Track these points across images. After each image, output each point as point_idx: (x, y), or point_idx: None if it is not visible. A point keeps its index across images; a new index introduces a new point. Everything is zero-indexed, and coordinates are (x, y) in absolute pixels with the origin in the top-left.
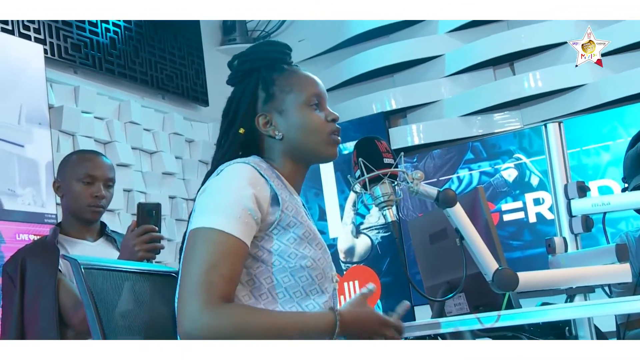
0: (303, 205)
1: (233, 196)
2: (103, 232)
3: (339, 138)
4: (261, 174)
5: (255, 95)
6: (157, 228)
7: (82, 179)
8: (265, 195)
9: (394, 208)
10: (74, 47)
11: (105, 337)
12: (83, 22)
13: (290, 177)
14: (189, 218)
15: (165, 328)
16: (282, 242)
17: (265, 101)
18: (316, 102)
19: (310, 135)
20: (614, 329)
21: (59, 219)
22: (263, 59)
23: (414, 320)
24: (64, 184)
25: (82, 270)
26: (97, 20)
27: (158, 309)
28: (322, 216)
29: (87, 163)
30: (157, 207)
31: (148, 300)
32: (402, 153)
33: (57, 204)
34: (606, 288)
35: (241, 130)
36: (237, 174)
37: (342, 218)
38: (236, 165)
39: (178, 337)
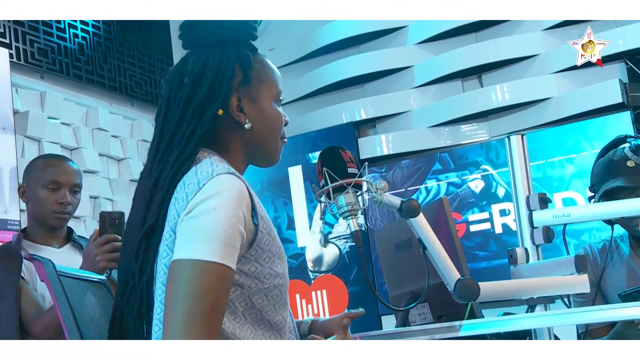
0: None
1: (228, 223)
2: (70, 238)
3: (286, 140)
4: (246, 187)
5: (234, 71)
6: (119, 237)
7: (48, 185)
8: (247, 215)
9: (360, 218)
10: (41, 52)
11: (82, 337)
12: (50, 27)
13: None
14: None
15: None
16: (259, 263)
17: (242, 83)
18: (280, 100)
19: (273, 133)
20: (574, 338)
21: (23, 226)
22: (243, 31)
23: (381, 329)
24: (29, 189)
25: (56, 271)
26: (64, 25)
27: (98, 314)
28: (290, 225)
29: (52, 169)
30: (120, 216)
31: (92, 305)
32: (367, 163)
33: (20, 210)
34: (565, 299)
35: (220, 112)
36: (229, 193)
37: (310, 227)
38: (223, 178)
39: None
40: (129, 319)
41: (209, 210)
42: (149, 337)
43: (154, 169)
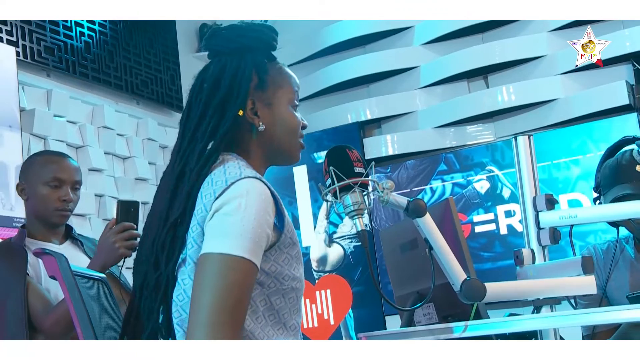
0: None
1: (257, 223)
2: (69, 235)
3: (304, 144)
4: (271, 192)
5: (251, 76)
6: (135, 226)
7: (49, 182)
8: (272, 219)
9: (365, 217)
10: (48, 50)
11: (95, 335)
12: (57, 25)
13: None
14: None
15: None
16: (278, 264)
17: (257, 87)
18: (296, 104)
19: (289, 135)
20: (579, 340)
21: None
22: (260, 39)
23: (385, 329)
24: (28, 186)
25: (69, 265)
26: (71, 24)
27: (99, 310)
28: (295, 225)
29: (53, 165)
30: (136, 205)
31: (95, 301)
32: (373, 162)
33: None
34: (572, 300)
35: (240, 112)
36: (257, 196)
37: (315, 227)
38: (251, 181)
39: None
40: (152, 309)
41: (239, 208)
42: (168, 329)
43: (177, 164)
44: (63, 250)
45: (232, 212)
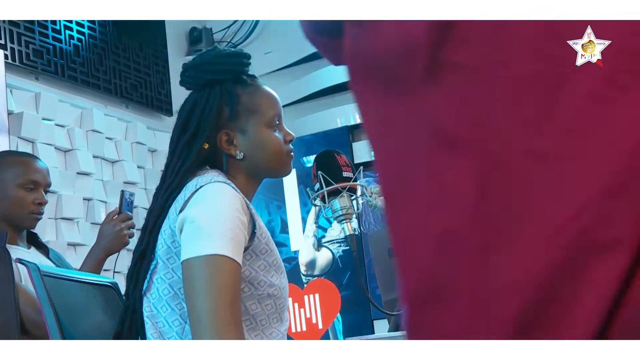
0: None
1: (233, 223)
2: (32, 239)
3: (293, 155)
4: (243, 198)
5: (220, 110)
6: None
7: (25, 185)
8: (245, 220)
9: (353, 222)
10: (36, 53)
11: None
12: (46, 28)
13: (248, 194)
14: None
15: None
16: (253, 269)
17: (229, 118)
18: (277, 123)
19: (271, 156)
20: None
21: None
22: (226, 71)
23: (373, 333)
24: None
25: (41, 275)
26: (60, 27)
27: (99, 318)
28: (284, 229)
29: (26, 167)
30: (134, 196)
31: (95, 309)
32: (362, 167)
33: None
34: None
35: (206, 146)
36: (229, 199)
37: (304, 231)
38: (218, 185)
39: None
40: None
41: (213, 210)
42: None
43: (155, 202)
44: (33, 256)
45: (206, 214)
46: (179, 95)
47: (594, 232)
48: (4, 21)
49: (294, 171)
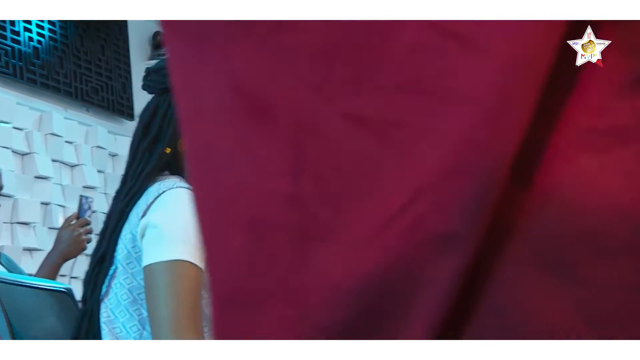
0: None
1: (195, 226)
2: None
3: None
4: None
5: None
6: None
7: None
8: None
9: None
10: None
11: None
12: (4, 29)
13: None
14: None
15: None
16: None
17: None
18: None
19: None
20: None
21: None
22: None
23: None
24: None
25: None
26: (19, 28)
27: (52, 324)
28: None
29: None
30: (92, 201)
31: (48, 315)
32: None
33: None
34: None
35: (167, 151)
36: (189, 202)
37: None
38: (181, 191)
39: None
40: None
41: (175, 215)
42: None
43: (115, 205)
44: None
45: (169, 219)
46: (141, 99)
47: (432, 222)
48: None
49: None
